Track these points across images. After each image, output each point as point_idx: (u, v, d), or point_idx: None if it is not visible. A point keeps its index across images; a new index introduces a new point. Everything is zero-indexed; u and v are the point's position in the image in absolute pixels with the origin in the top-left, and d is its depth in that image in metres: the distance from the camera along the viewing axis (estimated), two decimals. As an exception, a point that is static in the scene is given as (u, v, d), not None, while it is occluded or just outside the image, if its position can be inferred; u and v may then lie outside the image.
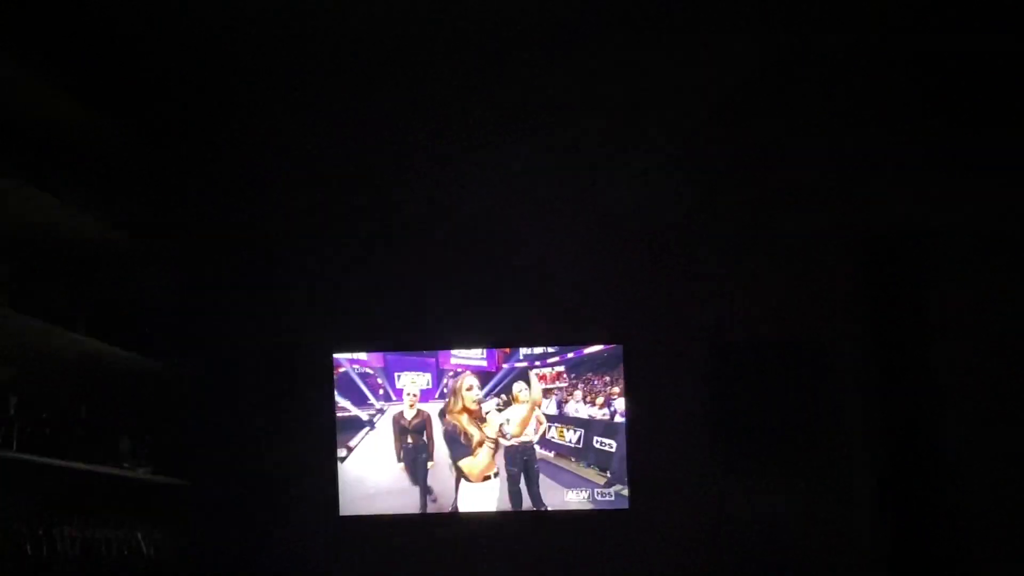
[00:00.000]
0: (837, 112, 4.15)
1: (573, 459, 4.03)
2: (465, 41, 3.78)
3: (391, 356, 4.12)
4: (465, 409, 4.05)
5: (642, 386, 4.09)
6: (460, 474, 4.05)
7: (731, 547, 3.97)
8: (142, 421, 3.86)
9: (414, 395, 4.10)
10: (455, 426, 4.05)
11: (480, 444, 4.04)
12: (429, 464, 4.11)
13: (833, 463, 4.04)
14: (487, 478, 4.04)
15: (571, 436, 4.05)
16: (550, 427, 4.07)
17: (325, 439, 4.07)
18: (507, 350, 4.07)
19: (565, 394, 4.06)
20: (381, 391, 4.12)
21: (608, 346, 4.08)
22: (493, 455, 4.03)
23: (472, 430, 4.04)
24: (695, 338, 4.14)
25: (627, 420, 4.03)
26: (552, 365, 4.05)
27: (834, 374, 4.09)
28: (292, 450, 4.09)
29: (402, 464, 4.11)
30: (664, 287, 4.19)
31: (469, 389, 4.06)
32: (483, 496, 4.05)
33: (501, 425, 4.03)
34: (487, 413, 4.04)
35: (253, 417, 4.11)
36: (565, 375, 4.07)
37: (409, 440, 4.11)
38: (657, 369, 4.12)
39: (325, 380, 4.08)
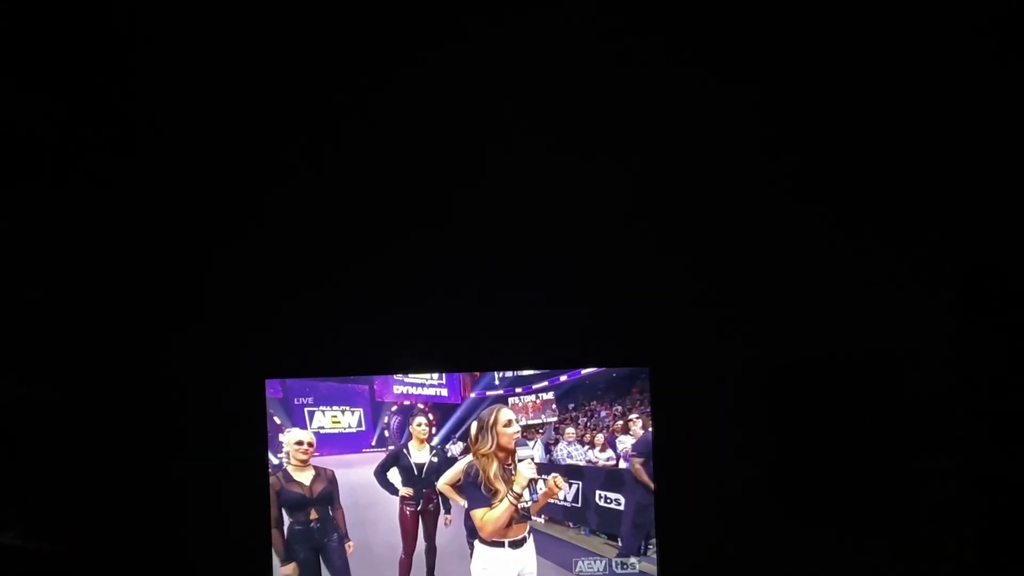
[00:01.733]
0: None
1: (571, 524, 2.95)
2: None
3: (296, 384, 2.93)
4: (502, 450, 2.94)
5: (673, 420, 3.04)
6: (471, 530, 2.95)
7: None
8: (6, 470, 2.98)
9: (308, 445, 2.91)
10: (479, 471, 2.94)
11: (501, 499, 2.95)
12: (348, 546, 2.96)
13: (921, 515, 3.10)
14: (514, 544, 2.93)
15: (564, 491, 2.96)
16: (537, 481, 2.96)
17: (255, 490, 2.99)
18: (476, 374, 2.96)
19: (554, 432, 2.96)
20: (280, 437, 2.93)
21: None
22: (513, 517, 2.93)
23: (499, 484, 2.93)
24: (743, 358, 3.11)
25: (654, 465, 2.96)
26: (537, 392, 2.94)
27: (925, 400, 3.12)
28: (208, 507, 3.08)
29: (292, 564, 2.93)
30: (702, 292, 3.14)
31: (508, 424, 2.91)
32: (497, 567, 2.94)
33: (530, 483, 2.94)
34: (520, 460, 2.93)
35: (156, 463, 3.09)
36: (555, 406, 2.95)
37: (312, 516, 2.91)
38: (693, 397, 3.09)
39: (255, 414, 2.99)
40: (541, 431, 2.94)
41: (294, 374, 2.94)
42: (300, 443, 2.90)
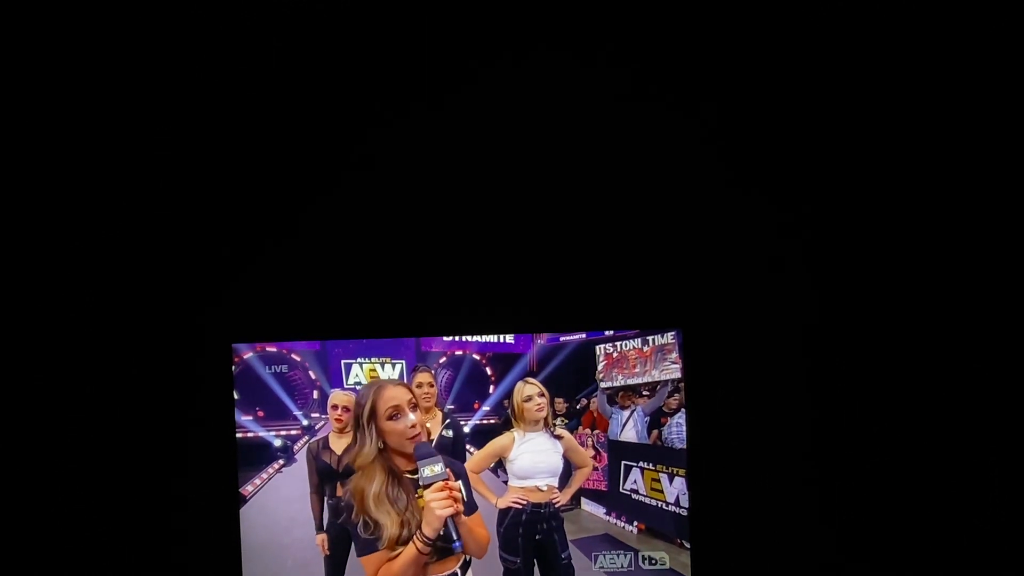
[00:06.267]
0: None
1: (683, 543, 1.96)
2: None
3: (333, 333, 2.22)
4: (398, 455, 1.90)
5: (712, 399, 2.18)
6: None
7: None
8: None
9: (344, 409, 2.11)
10: (351, 498, 1.90)
11: (397, 540, 1.86)
12: (319, 538, 2.15)
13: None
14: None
15: (677, 490, 1.98)
16: (631, 468, 2.03)
17: (221, 478, 2.25)
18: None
19: (669, 395, 2.02)
20: (315, 394, 2.17)
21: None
22: (424, 562, 1.85)
23: (383, 515, 1.86)
24: (794, 321, 2.26)
25: (688, 456, 2.01)
26: (657, 332, 2.04)
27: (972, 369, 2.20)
28: (165, 494, 2.29)
29: (323, 536, 2.12)
30: (747, 239, 2.29)
31: (395, 415, 1.87)
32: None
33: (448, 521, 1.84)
34: (424, 484, 1.82)
35: (101, 444, 2.31)
36: (677, 354, 2.03)
37: (338, 492, 2.09)
38: (738, 369, 2.22)
39: (220, 386, 2.25)
40: (645, 394, 2.00)
41: (322, 338, 2.23)
42: (335, 407, 2.11)
